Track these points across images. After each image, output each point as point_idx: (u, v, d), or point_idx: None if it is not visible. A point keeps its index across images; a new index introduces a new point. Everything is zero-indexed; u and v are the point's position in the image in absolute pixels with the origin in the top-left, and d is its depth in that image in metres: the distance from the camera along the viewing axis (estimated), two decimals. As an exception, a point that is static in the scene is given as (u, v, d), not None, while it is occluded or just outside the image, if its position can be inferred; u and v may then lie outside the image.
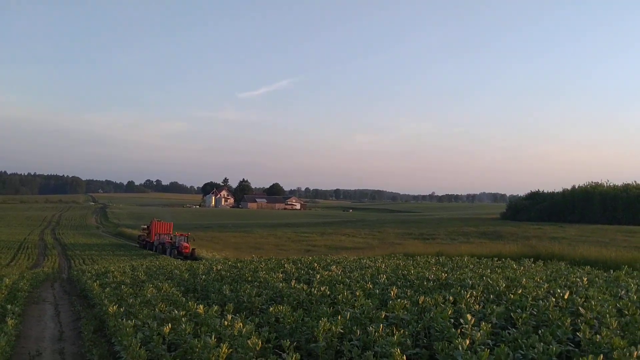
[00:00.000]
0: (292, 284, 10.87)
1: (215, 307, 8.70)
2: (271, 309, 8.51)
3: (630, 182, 79.39)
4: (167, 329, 7.53)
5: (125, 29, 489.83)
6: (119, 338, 8.10)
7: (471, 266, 15.71)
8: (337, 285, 10.64)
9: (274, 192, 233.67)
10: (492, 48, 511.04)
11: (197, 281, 14.09)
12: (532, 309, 7.64)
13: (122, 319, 8.63)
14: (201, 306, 8.91)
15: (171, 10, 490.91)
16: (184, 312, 8.66)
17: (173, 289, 12.15)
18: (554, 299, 7.97)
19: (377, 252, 32.68)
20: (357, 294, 9.41)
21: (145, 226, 64.07)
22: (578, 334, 6.18)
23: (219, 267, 17.58)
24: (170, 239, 51.82)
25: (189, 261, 32.33)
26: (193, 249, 46.81)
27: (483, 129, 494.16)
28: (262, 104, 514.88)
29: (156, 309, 9.60)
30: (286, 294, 10.27)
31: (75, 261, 42.57)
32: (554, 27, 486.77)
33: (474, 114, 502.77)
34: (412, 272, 13.08)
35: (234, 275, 14.54)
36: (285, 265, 16.97)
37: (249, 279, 13.42)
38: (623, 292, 9.49)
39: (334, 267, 15.39)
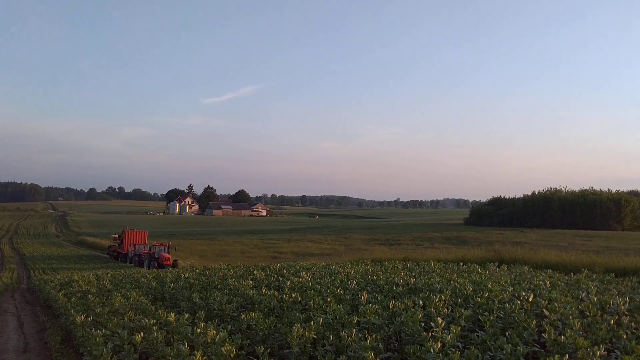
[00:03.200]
0: (263, 291, 10.88)
1: (187, 315, 8.66)
2: (243, 315, 8.52)
3: (588, 188, 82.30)
4: (139, 337, 7.47)
5: (86, 33, 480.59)
6: (89, 348, 7.99)
7: (438, 271, 15.98)
8: (308, 292, 10.70)
9: (240, 199, 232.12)
10: (455, 58, 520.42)
11: (166, 289, 13.94)
12: (499, 312, 7.87)
13: (91, 329, 8.51)
14: (172, 314, 8.85)
15: (134, 16, 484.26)
16: (154, 321, 8.58)
17: (141, 297, 12.00)
18: (519, 302, 8.22)
19: (344, 258, 32.86)
20: (329, 299, 9.50)
21: (117, 235, 58.48)
22: (543, 335, 6.40)
23: (187, 275, 17.42)
24: (149, 250, 47.48)
25: (155, 270, 31.20)
26: (175, 260, 43.20)
27: (446, 136, 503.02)
28: (227, 110, 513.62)
29: (125, 318, 9.48)
30: (257, 300, 10.28)
31: (34, 271, 41.40)
32: (509, 35, 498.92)
33: (437, 122, 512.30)
34: (381, 277, 13.24)
35: (203, 283, 14.44)
36: (255, 272, 16.94)
37: (219, 286, 13.36)
38: (584, 294, 9.86)
39: (304, 273, 15.45)
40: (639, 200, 78.99)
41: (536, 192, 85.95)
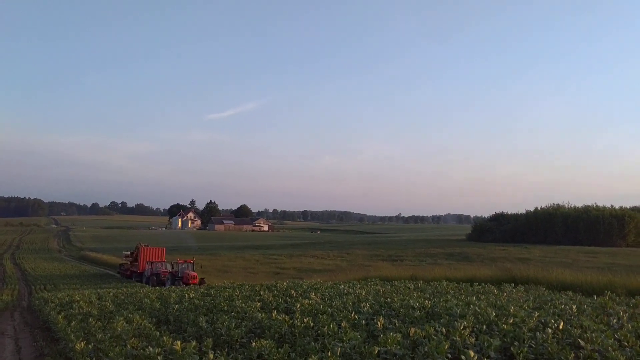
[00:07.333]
0: (273, 315, 10.35)
1: (193, 343, 8.14)
2: (254, 343, 7.98)
3: (591, 204, 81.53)
4: (143, 370, 6.95)
5: (91, 50, 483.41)
6: (89, 380, 7.47)
7: (452, 292, 15.44)
8: (320, 316, 10.17)
9: (242, 214, 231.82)
10: (458, 74, 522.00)
11: (170, 311, 13.38)
12: (530, 342, 7.33)
13: (92, 359, 8.00)
14: (178, 342, 8.33)
15: (138, 34, 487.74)
16: (159, 349, 8.05)
17: (145, 321, 11.46)
18: (550, 330, 7.68)
19: (349, 275, 32.20)
20: (343, 325, 8.99)
21: (129, 252, 53.62)
22: (584, 369, 5.89)
23: (191, 295, 16.86)
24: (171, 268, 42.81)
25: (157, 288, 29.81)
26: (202, 279, 38.02)
27: (447, 152, 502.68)
28: (229, 125, 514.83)
29: (128, 346, 8.95)
30: (267, 325, 9.75)
31: (36, 287, 40.77)
32: (516, 53, 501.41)
33: (439, 137, 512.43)
34: (395, 299, 12.69)
35: (209, 304, 13.89)
36: (261, 292, 16.41)
37: (225, 308, 12.82)
38: (615, 320, 9.30)
39: (313, 294, 14.90)
40: (643, 216, 78.06)
41: (539, 208, 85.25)
